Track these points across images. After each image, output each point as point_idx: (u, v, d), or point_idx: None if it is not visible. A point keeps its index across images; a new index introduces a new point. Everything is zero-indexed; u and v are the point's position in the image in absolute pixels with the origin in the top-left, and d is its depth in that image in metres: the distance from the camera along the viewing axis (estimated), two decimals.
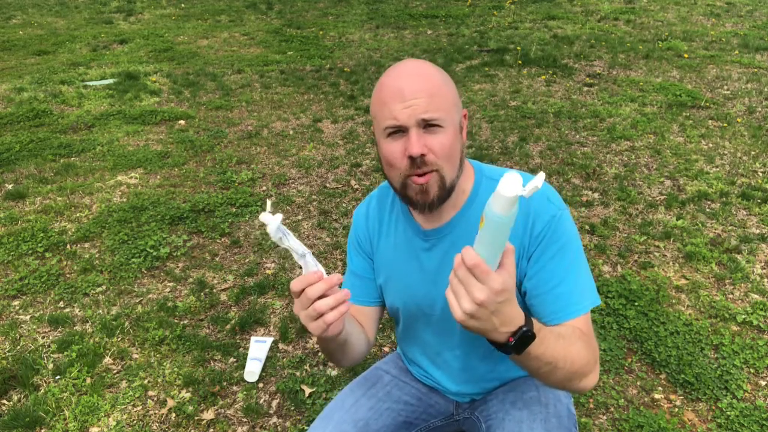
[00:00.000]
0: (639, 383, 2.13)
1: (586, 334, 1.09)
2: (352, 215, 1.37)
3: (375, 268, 1.33)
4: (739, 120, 4.41)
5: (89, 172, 3.80)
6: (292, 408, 2.05)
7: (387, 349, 2.31)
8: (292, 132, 4.45)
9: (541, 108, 4.75)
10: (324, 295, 0.95)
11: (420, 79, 1.07)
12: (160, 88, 5.42)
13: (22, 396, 2.11)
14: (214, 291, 2.67)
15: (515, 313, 0.90)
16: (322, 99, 5.14)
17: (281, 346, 2.34)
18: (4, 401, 2.09)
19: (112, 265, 2.83)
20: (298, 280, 0.96)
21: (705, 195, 3.36)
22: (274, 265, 2.86)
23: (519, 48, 6.35)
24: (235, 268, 2.83)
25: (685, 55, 5.97)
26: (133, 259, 2.86)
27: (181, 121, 4.65)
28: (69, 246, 2.99)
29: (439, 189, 1.11)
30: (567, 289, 1.11)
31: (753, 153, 3.89)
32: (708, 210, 3.23)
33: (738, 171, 3.66)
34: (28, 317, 2.51)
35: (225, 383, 2.16)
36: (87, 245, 3.00)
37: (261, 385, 2.16)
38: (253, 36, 7.42)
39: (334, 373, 2.19)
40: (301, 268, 0.97)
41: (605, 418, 1.99)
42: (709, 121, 4.43)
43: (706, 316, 2.44)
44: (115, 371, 2.21)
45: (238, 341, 2.37)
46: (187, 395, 2.10)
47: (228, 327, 2.44)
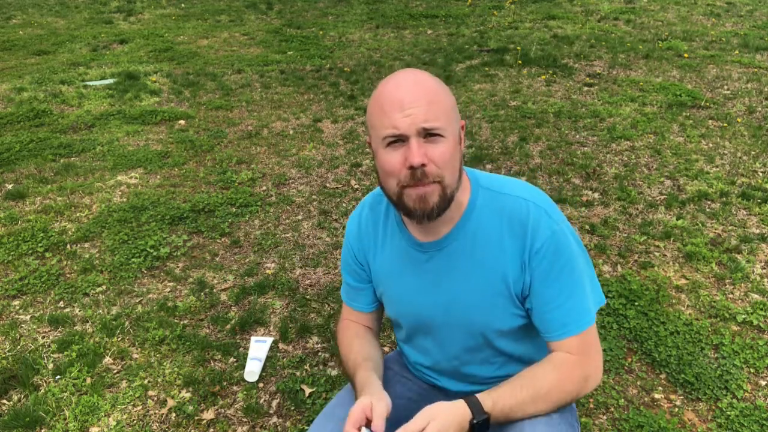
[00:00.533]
0: (639, 383, 2.13)
1: (581, 351, 1.15)
2: (345, 226, 1.37)
3: (373, 278, 1.33)
4: (739, 120, 4.41)
5: (89, 172, 3.80)
6: (293, 408, 2.05)
7: (387, 348, 2.31)
8: (292, 132, 4.45)
9: (541, 108, 4.75)
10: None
11: (418, 87, 1.06)
12: (160, 88, 5.42)
13: (22, 396, 2.11)
14: (214, 291, 2.67)
15: (451, 422, 1.05)
16: (322, 99, 5.14)
17: (281, 346, 2.34)
18: (4, 401, 2.09)
19: (112, 265, 2.83)
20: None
21: (705, 195, 3.36)
22: (274, 265, 2.86)
23: (519, 48, 6.35)
24: (235, 268, 2.83)
25: (685, 55, 5.97)
26: (133, 259, 2.86)
27: (181, 121, 4.65)
28: (69, 246, 3.00)
29: (439, 199, 1.09)
30: (568, 309, 1.14)
31: (753, 153, 3.89)
32: (708, 210, 3.23)
33: (738, 171, 3.66)
34: (28, 317, 2.51)
35: (225, 383, 2.16)
36: (87, 245, 3.00)
37: (261, 385, 2.16)
38: (253, 36, 7.42)
39: (334, 373, 2.19)
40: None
41: (605, 418, 1.99)
42: (709, 121, 4.43)
43: (706, 316, 2.44)
44: (115, 371, 2.22)
45: (238, 341, 2.37)
46: (187, 395, 2.10)
47: (228, 327, 2.44)
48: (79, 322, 2.47)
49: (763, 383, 2.13)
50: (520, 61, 5.92)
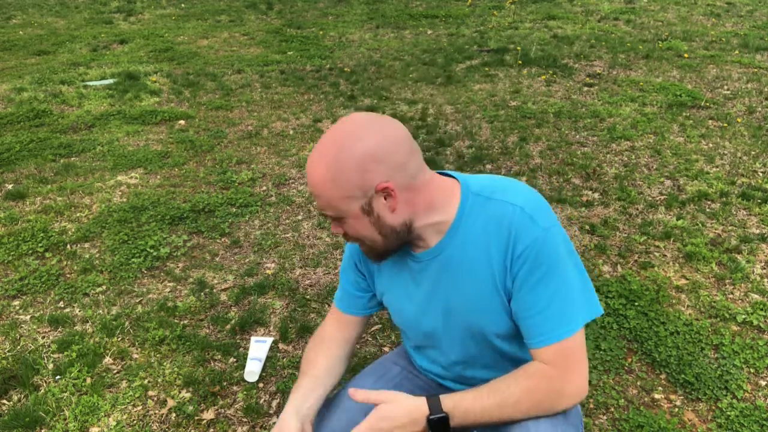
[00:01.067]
0: (639, 383, 2.13)
1: (557, 363, 1.11)
2: None
3: (377, 289, 1.36)
4: (739, 120, 4.41)
5: (89, 172, 3.80)
6: None
7: (387, 348, 2.31)
8: (292, 132, 4.45)
9: (541, 108, 4.75)
10: None
11: (313, 175, 1.09)
12: (160, 88, 5.42)
13: (22, 396, 2.11)
14: (214, 291, 2.67)
15: (404, 412, 1.10)
16: (322, 99, 5.14)
17: (281, 346, 2.34)
18: (4, 401, 2.09)
19: (112, 265, 2.83)
20: None
21: (705, 195, 3.36)
22: (274, 265, 2.86)
23: (519, 48, 6.36)
24: (235, 268, 2.83)
25: (685, 55, 5.97)
26: (133, 259, 2.86)
27: (181, 121, 4.65)
28: (69, 246, 3.00)
29: (375, 254, 1.20)
30: (546, 317, 1.10)
31: (753, 153, 3.89)
32: (708, 210, 3.23)
33: (738, 171, 3.66)
34: (28, 317, 2.51)
35: (225, 383, 2.16)
36: (87, 245, 3.00)
37: (261, 385, 2.16)
38: (253, 36, 7.42)
39: None
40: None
41: (605, 418, 1.99)
42: (709, 121, 4.43)
43: (706, 316, 2.44)
44: (115, 371, 2.22)
45: (238, 341, 2.37)
46: (187, 395, 2.10)
47: (228, 327, 2.44)
48: (79, 322, 2.47)
49: (763, 383, 2.13)
50: (520, 61, 5.92)
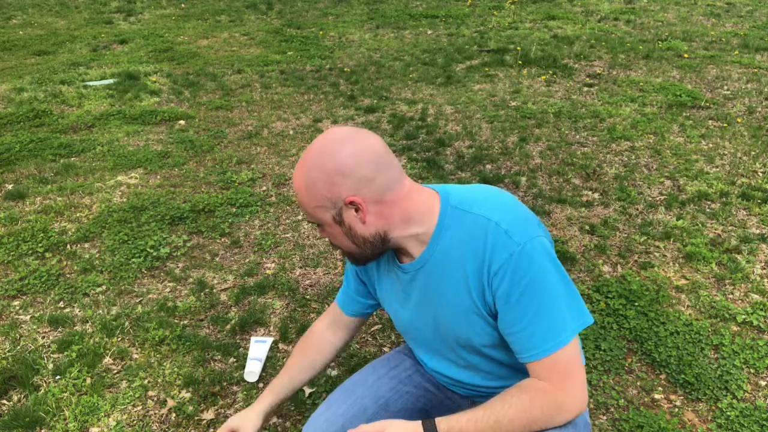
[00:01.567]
0: (639, 383, 2.14)
1: (551, 377, 1.09)
2: None
3: (377, 294, 1.38)
4: (739, 120, 4.41)
5: (89, 172, 3.80)
6: (292, 408, 2.05)
7: (387, 348, 2.31)
8: (292, 132, 4.45)
9: (541, 108, 4.75)
10: None
11: (294, 184, 1.14)
12: (160, 88, 5.42)
13: (22, 396, 2.11)
14: (214, 291, 2.67)
15: None
16: (322, 99, 5.14)
17: (281, 346, 2.34)
18: (4, 401, 2.09)
19: (112, 265, 2.83)
20: None
21: (705, 195, 3.36)
22: (274, 265, 2.86)
23: (519, 48, 6.36)
24: (235, 268, 2.83)
25: (685, 55, 5.97)
26: (133, 259, 2.86)
27: (181, 121, 4.65)
28: (69, 246, 3.00)
29: (353, 260, 1.25)
30: (531, 332, 1.09)
31: (753, 153, 3.89)
32: (708, 210, 3.23)
33: (738, 171, 3.66)
34: (28, 317, 2.51)
35: (225, 383, 2.16)
36: (87, 245, 3.00)
37: (261, 385, 2.16)
38: (253, 36, 7.42)
39: (334, 373, 2.19)
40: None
41: (605, 418, 1.99)
42: (709, 121, 4.43)
43: (706, 316, 2.44)
44: (115, 371, 2.22)
45: (238, 341, 2.37)
46: (187, 395, 2.10)
47: (228, 327, 2.44)
48: (79, 322, 2.47)
49: (763, 383, 2.13)
50: (520, 62, 5.92)
